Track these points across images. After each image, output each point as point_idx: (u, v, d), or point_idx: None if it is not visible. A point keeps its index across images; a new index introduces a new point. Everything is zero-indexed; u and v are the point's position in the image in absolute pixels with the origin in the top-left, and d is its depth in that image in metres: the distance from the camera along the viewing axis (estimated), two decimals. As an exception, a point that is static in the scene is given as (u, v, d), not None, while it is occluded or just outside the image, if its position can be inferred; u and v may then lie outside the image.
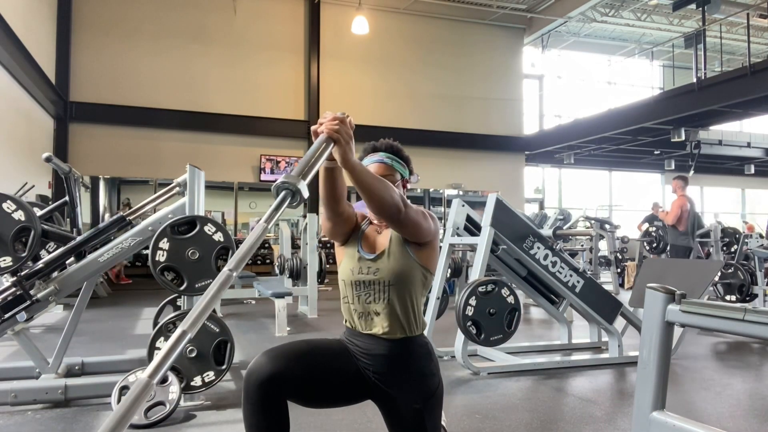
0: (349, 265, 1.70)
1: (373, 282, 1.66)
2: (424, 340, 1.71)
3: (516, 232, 3.98)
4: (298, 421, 2.71)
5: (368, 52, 12.62)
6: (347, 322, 1.74)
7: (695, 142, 12.71)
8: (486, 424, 2.79)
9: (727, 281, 6.21)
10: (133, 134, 11.03)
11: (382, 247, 1.70)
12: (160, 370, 0.84)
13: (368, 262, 1.68)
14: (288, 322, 5.38)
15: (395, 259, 1.66)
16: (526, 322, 6.28)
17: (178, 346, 0.87)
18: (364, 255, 1.70)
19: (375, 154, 1.76)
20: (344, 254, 1.74)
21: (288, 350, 1.62)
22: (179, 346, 0.87)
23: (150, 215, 3.27)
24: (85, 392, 2.98)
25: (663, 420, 1.24)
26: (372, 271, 1.67)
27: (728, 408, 3.13)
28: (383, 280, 1.65)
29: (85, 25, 10.79)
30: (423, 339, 1.71)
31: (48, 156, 3.18)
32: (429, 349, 1.71)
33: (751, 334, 1.13)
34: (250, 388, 1.54)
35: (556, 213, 9.27)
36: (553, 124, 14.80)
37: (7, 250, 2.82)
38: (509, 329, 3.67)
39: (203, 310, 0.91)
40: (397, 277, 1.65)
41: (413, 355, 1.67)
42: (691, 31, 13.26)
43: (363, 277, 1.67)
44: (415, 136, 12.43)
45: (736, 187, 18.70)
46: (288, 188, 1.12)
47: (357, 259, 1.69)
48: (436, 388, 1.67)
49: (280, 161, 11.94)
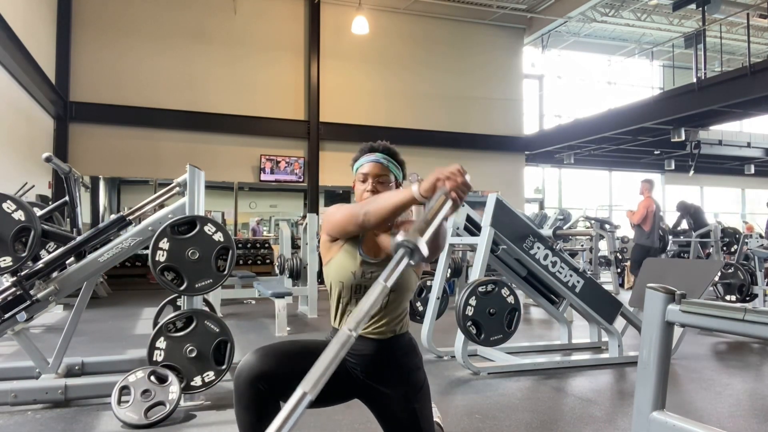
0: (350, 268, 1.70)
1: None
2: (409, 335, 1.78)
3: (516, 232, 3.97)
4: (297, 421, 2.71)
5: (368, 52, 12.61)
6: (337, 322, 1.75)
7: (695, 142, 12.71)
8: (486, 424, 2.79)
9: (727, 281, 6.21)
10: (133, 134, 11.02)
11: (386, 250, 1.72)
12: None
13: (372, 267, 1.69)
14: (288, 322, 5.38)
15: None
16: (526, 322, 6.28)
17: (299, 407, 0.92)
18: (366, 258, 1.71)
19: (371, 154, 1.78)
20: (340, 252, 1.73)
21: (277, 349, 1.64)
22: (300, 408, 0.92)
23: (150, 215, 3.26)
24: (85, 392, 2.98)
25: (663, 420, 1.24)
26: (375, 277, 1.68)
27: (728, 408, 3.13)
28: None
29: (85, 25, 10.79)
30: (408, 335, 1.78)
31: (48, 156, 3.18)
32: (414, 344, 1.79)
33: (751, 334, 1.13)
34: (240, 386, 1.55)
35: (556, 213, 9.27)
36: (553, 124, 14.79)
37: (7, 250, 2.82)
38: (509, 329, 3.68)
39: (324, 371, 0.96)
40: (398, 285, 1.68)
41: (400, 352, 1.73)
42: (691, 31, 13.25)
43: (365, 282, 1.69)
44: (415, 135, 12.43)
45: (736, 187, 18.70)
46: (407, 246, 1.13)
47: (359, 262, 1.70)
48: (424, 381, 1.75)
49: (280, 161, 11.94)
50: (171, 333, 2.91)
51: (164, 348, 2.88)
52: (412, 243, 1.13)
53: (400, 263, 1.12)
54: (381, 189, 1.74)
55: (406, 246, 1.13)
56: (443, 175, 1.31)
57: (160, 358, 2.87)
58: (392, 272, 1.10)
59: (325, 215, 1.76)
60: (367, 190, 1.74)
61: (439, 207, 1.27)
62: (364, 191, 1.75)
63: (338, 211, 1.67)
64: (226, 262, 3.01)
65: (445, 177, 1.30)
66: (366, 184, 1.75)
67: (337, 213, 1.67)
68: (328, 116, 12.22)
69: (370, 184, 1.74)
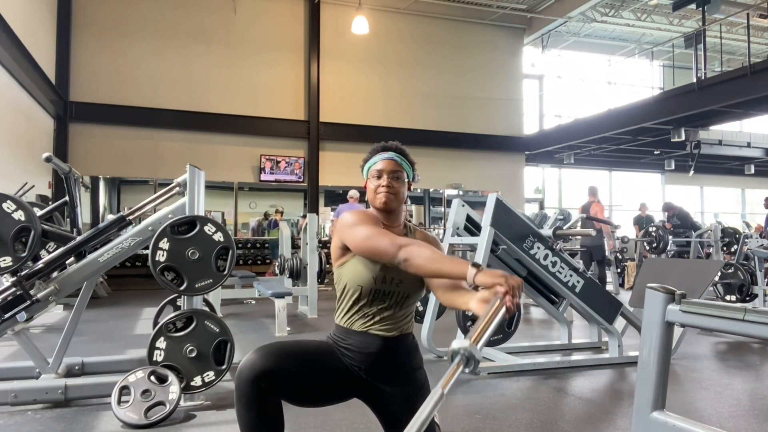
0: (370, 273, 1.70)
1: (393, 293, 1.72)
2: (412, 336, 1.81)
3: (516, 232, 3.97)
4: (297, 422, 2.71)
5: (368, 52, 12.62)
6: (345, 321, 1.76)
7: (695, 142, 12.71)
8: (486, 424, 2.79)
9: (727, 281, 6.21)
10: (133, 134, 11.03)
11: None
12: None
13: (393, 272, 1.70)
14: (288, 322, 5.38)
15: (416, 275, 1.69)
16: (526, 322, 6.28)
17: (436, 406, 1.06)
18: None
19: (385, 152, 1.81)
20: (357, 257, 1.71)
21: (278, 348, 1.64)
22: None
23: (150, 215, 3.26)
24: (85, 392, 2.98)
25: (663, 420, 1.24)
26: (396, 282, 1.72)
27: (728, 408, 3.13)
28: (403, 293, 1.73)
29: (85, 25, 10.79)
30: (412, 335, 1.81)
31: (48, 156, 3.18)
32: (416, 344, 1.82)
33: (751, 334, 1.13)
34: (241, 385, 1.55)
35: (556, 213, 9.26)
36: (553, 124, 14.79)
37: (7, 250, 2.82)
38: (509, 329, 3.68)
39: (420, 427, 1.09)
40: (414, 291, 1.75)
41: (404, 351, 1.76)
42: (691, 31, 13.26)
43: (386, 288, 1.71)
44: (415, 135, 12.43)
45: (736, 187, 18.70)
46: (463, 354, 1.16)
47: (379, 267, 1.70)
48: (425, 380, 1.78)
49: (280, 161, 11.95)
50: (171, 333, 2.91)
51: (164, 348, 2.88)
52: (468, 351, 1.15)
53: (457, 371, 1.15)
54: (395, 185, 1.76)
55: (463, 354, 1.15)
56: (507, 285, 1.33)
57: (160, 358, 2.87)
58: (449, 380, 1.14)
59: (343, 223, 1.71)
60: (383, 185, 1.75)
61: (494, 314, 1.29)
62: (378, 186, 1.76)
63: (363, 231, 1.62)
64: (226, 262, 3.01)
65: (507, 289, 1.33)
66: (381, 179, 1.76)
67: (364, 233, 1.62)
68: (328, 116, 12.22)
69: (385, 179, 1.76)
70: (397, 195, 1.76)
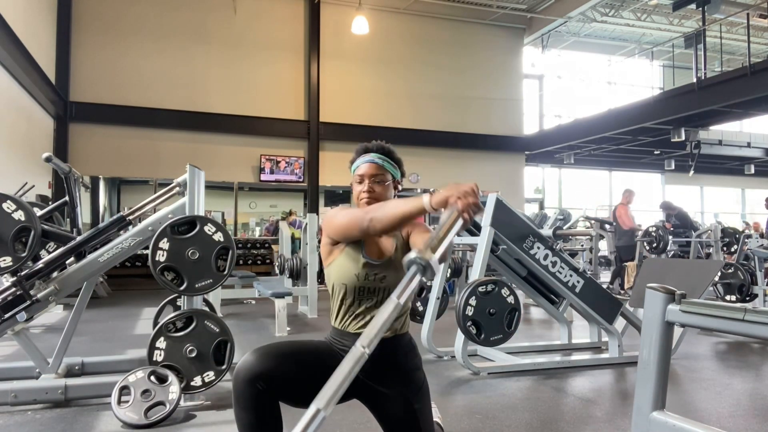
0: (353, 270, 1.70)
1: (378, 289, 1.70)
2: (408, 336, 1.79)
3: (516, 232, 3.97)
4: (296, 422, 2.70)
5: (368, 52, 12.61)
6: (338, 322, 1.75)
7: (695, 142, 12.71)
8: (486, 424, 2.79)
9: (727, 281, 6.21)
10: (133, 134, 11.02)
11: (388, 252, 1.73)
12: None
13: (375, 268, 1.70)
14: (288, 322, 5.38)
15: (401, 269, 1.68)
16: (526, 322, 6.28)
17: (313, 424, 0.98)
18: (370, 260, 1.71)
19: (366, 155, 1.79)
20: (342, 254, 1.73)
21: (276, 349, 1.64)
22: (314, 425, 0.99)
23: (150, 215, 3.26)
24: (85, 392, 2.98)
25: (663, 420, 1.24)
26: (379, 279, 1.70)
27: (728, 408, 3.13)
28: (388, 289, 1.70)
29: (85, 25, 10.79)
30: (408, 335, 1.79)
31: (48, 156, 3.18)
32: (414, 344, 1.80)
33: (751, 334, 1.13)
34: (239, 386, 1.54)
35: (556, 213, 9.26)
36: (553, 124, 14.79)
37: (7, 250, 2.82)
38: (509, 329, 3.67)
39: (338, 388, 1.01)
40: None
41: (401, 352, 1.74)
42: (691, 31, 13.25)
43: (369, 284, 1.70)
44: (415, 135, 12.43)
45: (736, 187, 18.70)
46: (420, 264, 1.15)
47: (362, 264, 1.70)
48: (423, 381, 1.76)
49: (280, 161, 11.94)
50: (171, 333, 2.91)
51: (164, 348, 2.88)
52: (424, 260, 1.14)
53: (413, 280, 1.14)
54: (378, 189, 1.75)
55: (419, 263, 1.14)
56: (457, 193, 1.32)
57: (160, 358, 2.87)
58: (405, 289, 1.12)
59: (325, 218, 1.75)
60: (364, 191, 1.75)
61: (450, 224, 1.28)
62: (361, 192, 1.76)
63: (340, 215, 1.67)
64: (226, 262, 3.01)
65: (458, 196, 1.32)
66: (363, 185, 1.76)
67: (339, 217, 1.66)
68: (328, 116, 12.22)
69: (366, 184, 1.75)
70: (380, 199, 1.74)
